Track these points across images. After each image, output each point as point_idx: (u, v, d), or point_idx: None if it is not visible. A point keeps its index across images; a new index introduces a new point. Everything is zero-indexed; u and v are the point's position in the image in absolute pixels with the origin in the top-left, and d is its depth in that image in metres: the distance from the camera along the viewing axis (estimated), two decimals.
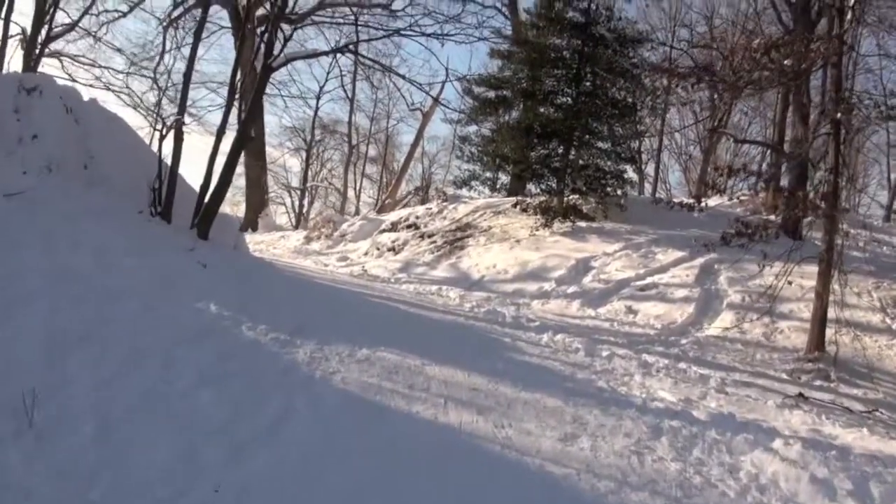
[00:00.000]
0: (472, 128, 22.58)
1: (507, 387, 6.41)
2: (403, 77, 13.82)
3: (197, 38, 11.24)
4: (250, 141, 11.49)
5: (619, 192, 18.72)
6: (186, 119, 12.73)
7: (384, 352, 6.78)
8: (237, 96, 11.49)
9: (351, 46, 12.80)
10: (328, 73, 38.94)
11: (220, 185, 11.33)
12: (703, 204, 18.07)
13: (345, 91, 38.45)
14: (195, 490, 3.63)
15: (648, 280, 13.83)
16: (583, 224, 17.89)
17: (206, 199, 11.14)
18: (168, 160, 10.90)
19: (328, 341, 6.70)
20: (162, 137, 10.96)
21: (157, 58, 30.75)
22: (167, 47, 30.85)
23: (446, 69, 13.64)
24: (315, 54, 13.31)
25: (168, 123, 11.07)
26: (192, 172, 11.82)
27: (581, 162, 18.79)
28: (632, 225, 17.67)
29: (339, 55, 35.71)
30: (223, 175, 11.37)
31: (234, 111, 11.45)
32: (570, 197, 18.76)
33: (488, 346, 8.58)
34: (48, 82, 11.15)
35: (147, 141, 12.17)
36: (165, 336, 5.61)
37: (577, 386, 7.07)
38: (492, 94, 20.85)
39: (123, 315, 5.82)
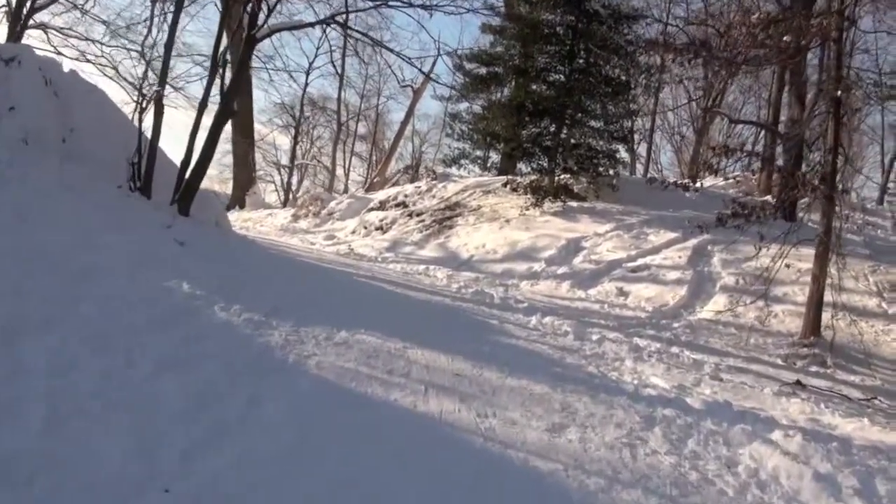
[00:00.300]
0: (463, 105, 22.22)
1: (493, 372, 6.10)
2: (393, 51, 13.37)
3: (179, 6, 10.79)
4: (234, 115, 11.10)
5: (611, 171, 18.37)
6: (168, 91, 12.35)
7: (364, 334, 6.46)
8: (220, 68, 11.06)
9: (338, 18, 12.33)
10: (317, 49, 38.60)
11: (202, 160, 10.99)
12: (698, 184, 17.82)
13: (334, 66, 37.94)
14: (146, 493, 3.26)
15: (640, 261, 13.57)
16: (574, 204, 17.58)
17: (188, 174, 10.83)
18: (148, 134, 10.55)
19: (306, 323, 6.37)
20: (142, 110, 10.60)
21: (146, 31, 30.85)
22: (155, 20, 30.95)
23: (437, 43, 13.22)
24: (300, 25, 12.83)
25: (148, 96, 10.69)
26: (177, 148, 11.55)
27: (573, 141, 18.48)
28: (623, 205, 17.38)
29: (327, 28, 35.48)
30: (205, 150, 11.03)
31: (218, 84, 11.00)
32: (562, 176, 18.44)
33: (474, 328, 8.30)
34: (27, 53, 10.74)
35: (129, 115, 11.78)
36: (132, 318, 5.25)
37: (566, 371, 6.78)
38: (483, 70, 20.45)
39: (90, 296, 5.46)
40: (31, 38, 25.74)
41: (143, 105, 10.60)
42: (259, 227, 22.58)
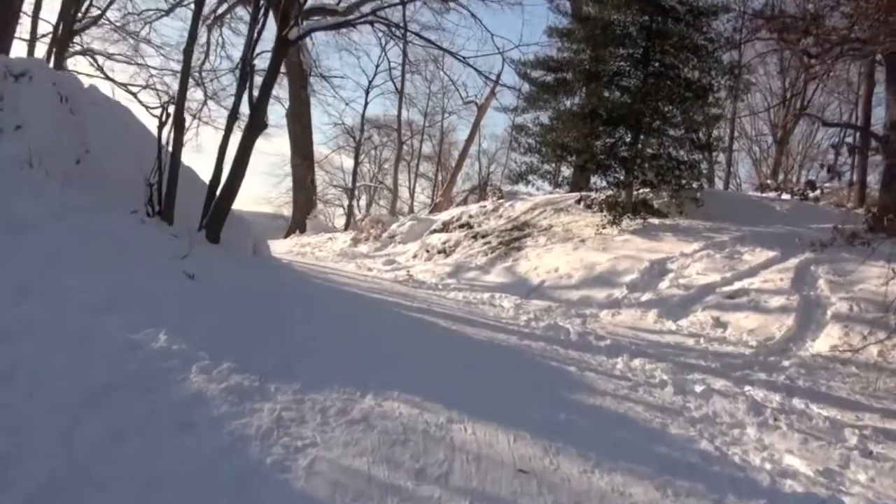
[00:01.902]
0: (530, 116, 20.51)
1: (573, 462, 4.47)
2: (456, 56, 11.89)
3: (199, 5, 9.57)
4: (264, 128, 9.80)
5: (694, 184, 16.59)
6: (210, 110, 11.15)
7: (397, 400, 4.99)
8: (249, 76, 9.82)
9: (380, 13, 10.96)
10: (377, 66, 37.43)
11: (231, 180, 9.73)
12: (816, 192, 16.01)
13: (393, 83, 36.71)
14: None
15: (737, 285, 11.79)
16: (655, 221, 15.89)
17: (217, 196, 9.59)
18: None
19: (319, 384, 4.91)
20: (161, 124, 9.38)
21: (203, 56, 30.31)
22: (212, 45, 30.43)
23: (501, 53, 11.84)
24: (337, 24, 11.52)
25: (169, 109, 9.47)
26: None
27: (651, 151, 16.75)
28: (710, 221, 15.61)
29: (386, 45, 34.47)
30: (234, 168, 9.76)
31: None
32: (640, 191, 16.76)
33: (547, 381, 6.75)
34: (39, 67, 9.74)
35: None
36: (65, 391, 3.85)
37: (672, 450, 5.11)
38: (550, 77, 18.80)
39: (31, 356, 4.10)
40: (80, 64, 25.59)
41: (163, 118, 9.38)
42: (317, 253, 21.49)
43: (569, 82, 18.21)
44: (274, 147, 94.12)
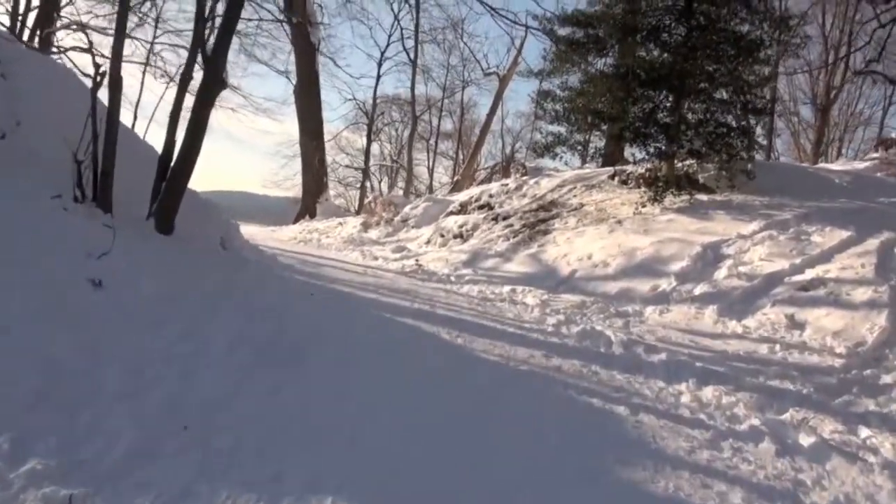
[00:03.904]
0: (557, 82, 18.13)
1: None
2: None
3: None
4: (223, 87, 7.82)
5: (746, 154, 14.34)
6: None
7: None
8: (208, 21, 7.85)
9: None
10: (389, 36, 35.23)
11: (185, 153, 7.81)
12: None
13: (407, 54, 34.35)
14: None
15: (810, 274, 9.62)
16: (703, 197, 13.72)
17: (168, 174, 7.68)
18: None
19: (189, 490, 2.93)
20: (96, 86, 7.41)
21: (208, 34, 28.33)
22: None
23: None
24: None
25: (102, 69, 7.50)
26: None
27: (696, 116, 14.49)
28: (766, 196, 13.40)
29: (400, 13, 32.31)
30: (188, 139, 7.81)
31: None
32: (684, 163, 14.55)
33: (586, 425, 4.69)
34: None
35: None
36: None
37: None
38: (580, 33, 16.45)
39: None
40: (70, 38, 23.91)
41: (97, 79, 7.43)
42: (323, 240, 19.57)
43: (601, 39, 15.84)
44: (282, 127, 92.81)
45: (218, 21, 8.13)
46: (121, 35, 7.77)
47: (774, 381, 6.14)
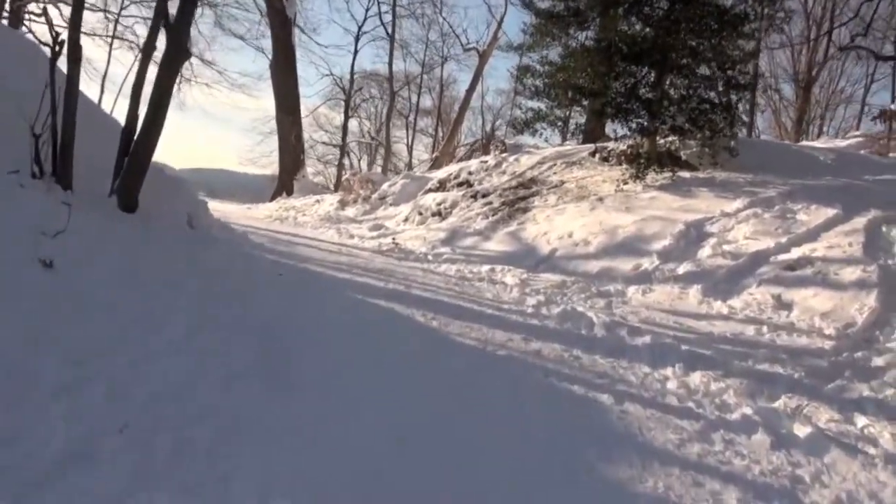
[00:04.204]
0: (537, 57, 17.70)
1: None
2: None
3: None
4: (187, 56, 7.40)
5: (729, 130, 14.04)
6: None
7: None
8: None
9: None
10: (366, 10, 34.65)
11: (148, 126, 7.39)
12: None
13: (384, 28, 33.80)
14: None
15: (796, 253, 9.36)
16: (686, 174, 13.43)
17: (131, 148, 7.29)
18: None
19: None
20: (54, 56, 7.00)
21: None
22: None
23: None
24: None
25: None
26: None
27: (679, 92, 14.16)
28: (750, 174, 13.12)
29: None
30: (151, 112, 7.39)
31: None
32: (667, 139, 14.25)
33: (568, 417, 4.38)
34: None
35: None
36: None
37: None
38: (560, 5, 16.03)
39: None
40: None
41: (56, 49, 7.02)
42: (300, 218, 19.16)
43: (581, 12, 15.47)
44: (258, 104, 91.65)
45: None
46: (79, 3, 7.34)
47: (764, 365, 5.86)
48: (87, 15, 24.93)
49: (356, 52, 35.00)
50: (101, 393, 3.48)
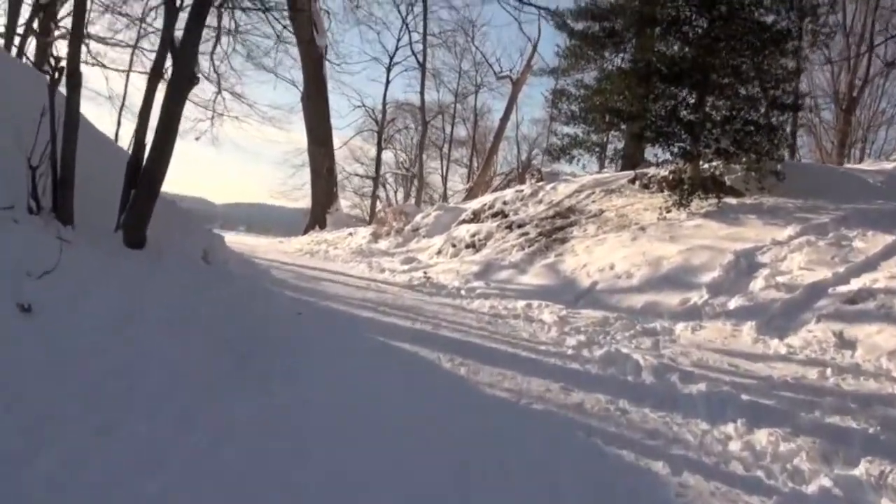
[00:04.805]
0: (572, 80, 17.20)
1: None
2: None
3: None
4: (194, 83, 6.93)
5: (776, 153, 13.37)
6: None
7: None
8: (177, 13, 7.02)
9: None
10: (398, 41, 34.47)
11: (155, 156, 6.96)
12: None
13: (416, 58, 33.52)
14: None
15: (856, 284, 8.66)
16: (732, 201, 12.77)
17: (139, 180, 6.91)
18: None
19: None
20: (53, 82, 6.61)
21: (213, 39, 27.72)
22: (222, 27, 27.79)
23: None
24: None
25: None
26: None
27: (722, 113, 13.52)
28: (800, 199, 12.41)
29: (408, 17, 31.53)
30: (158, 140, 6.97)
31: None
32: (711, 164, 13.60)
33: (616, 492, 3.69)
34: None
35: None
36: None
37: None
38: (596, 27, 15.50)
39: None
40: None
41: (55, 74, 6.64)
42: (331, 251, 18.72)
43: (618, 32, 14.98)
44: (289, 136, 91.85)
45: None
46: (79, 25, 6.94)
47: (834, 418, 5.17)
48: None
49: (388, 82, 34.99)
50: (46, 471, 2.93)
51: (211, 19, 26.77)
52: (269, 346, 5.40)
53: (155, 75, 7.32)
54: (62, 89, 6.62)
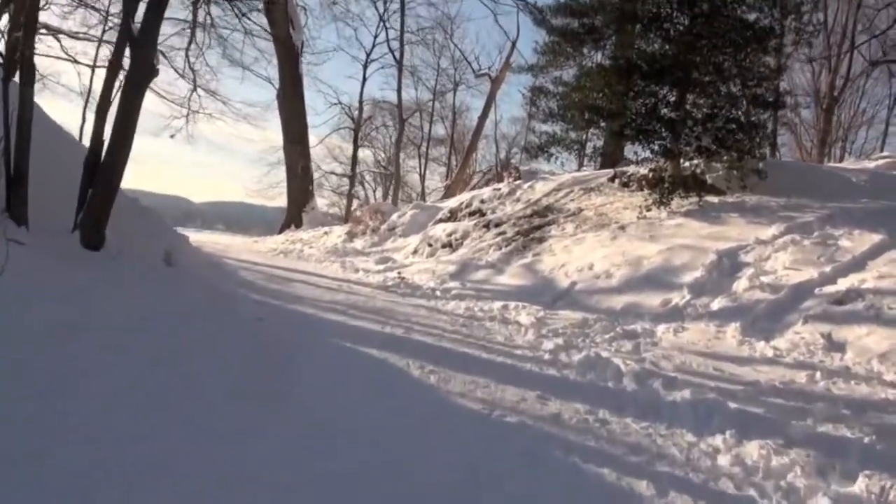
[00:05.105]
0: (551, 77, 16.87)
1: None
2: None
3: None
4: (153, 74, 6.52)
5: (758, 151, 13.13)
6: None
7: None
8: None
9: None
10: (375, 37, 34.16)
11: (113, 153, 6.62)
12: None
13: (393, 55, 33.16)
14: None
15: (843, 284, 8.41)
16: (714, 199, 12.50)
17: (95, 178, 6.54)
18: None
19: None
20: (7, 76, 6.26)
21: (188, 36, 27.21)
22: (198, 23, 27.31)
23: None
24: None
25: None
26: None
27: (703, 111, 13.23)
28: (783, 197, 12.16)
29: (385, 14, 31.22)
30: (116, 136, 6.61)
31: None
32: (692, 162, 13.32)
33: None
34: None
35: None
36: None
37: None
38: (575, 23, 15.19)
39: None
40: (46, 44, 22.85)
41: (7, 66, 6.31)
42: (306, 250, 18.28)
43: (597, 29, 14.67)
44: (264, 135, 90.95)
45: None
46: (32, 15, 6.54)
47: (826, 426, 4.86)
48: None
49: (365, 79, 34.48)
50: None
51: (186, 14, 26.42)
52: (219, 358, 4.98)
53: (114, 68, 6.93)
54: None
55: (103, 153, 6.67)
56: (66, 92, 38.93)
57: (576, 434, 4.35)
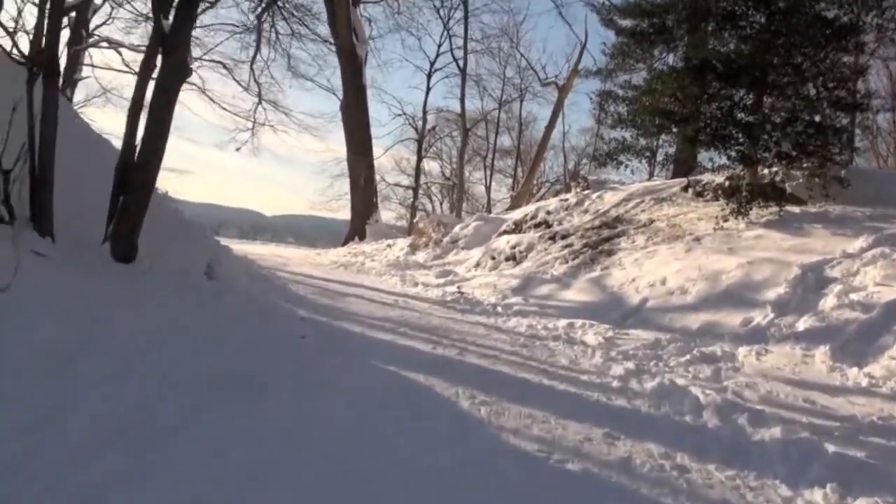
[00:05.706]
0: (620, 82, 16.20)
1: None
2: None
3: None
4: (187, 74, 6.18)
5: (839, 157, 12.29)
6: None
7: None
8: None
9: None
10: (439, 46, 33.75)
11: (145, 159, 6.26)
12: None
13: (457, 64, 32.77)
14: None
15: None
16: (794, 209, 11.70)
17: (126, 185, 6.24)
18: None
19: None
20: (31, 78, 5.93)
21: (253, 48, 27.26)
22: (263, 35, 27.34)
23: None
24: None
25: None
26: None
27: (782, 114, 12.43)
28: (868, 207, 11.30)
29: (450, 22, 30.91)
30: (148, 142, 6.28)
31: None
32: (770, 169, 12.54)
33: None
34: None
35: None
36: None
37: None
38: (645, 23, 14.53)
39: None
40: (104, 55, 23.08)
41: (33, 69, 6.00)
42: (368, 263, 17.93)
43: (668, 29, 13.98)
44: (325, 146, 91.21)
45: None
46: (57, 15, 6.20)
47: None
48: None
49: (428, 89, 34.14)
50: None
51: (252, 29, 26.54)
52: (240, 384, 4.47)
53: (146, 70, 6.58)
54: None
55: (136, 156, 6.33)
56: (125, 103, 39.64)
57: (649, 486, 3.70)
